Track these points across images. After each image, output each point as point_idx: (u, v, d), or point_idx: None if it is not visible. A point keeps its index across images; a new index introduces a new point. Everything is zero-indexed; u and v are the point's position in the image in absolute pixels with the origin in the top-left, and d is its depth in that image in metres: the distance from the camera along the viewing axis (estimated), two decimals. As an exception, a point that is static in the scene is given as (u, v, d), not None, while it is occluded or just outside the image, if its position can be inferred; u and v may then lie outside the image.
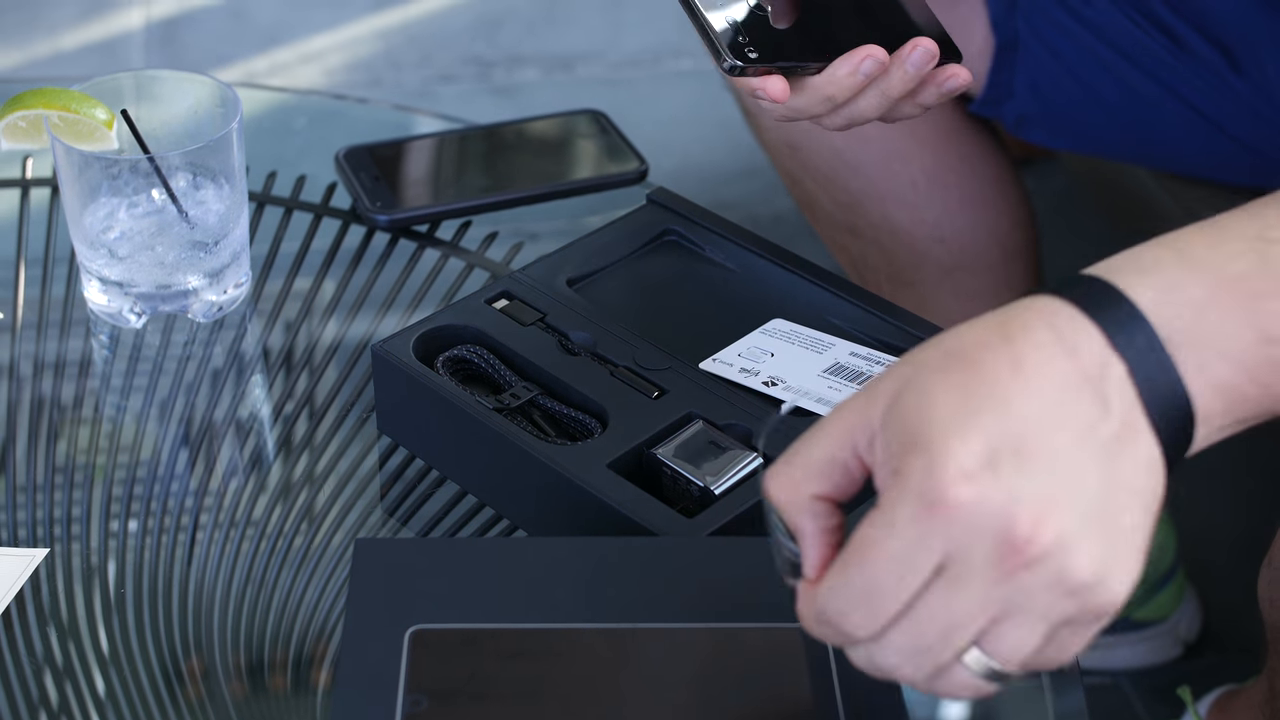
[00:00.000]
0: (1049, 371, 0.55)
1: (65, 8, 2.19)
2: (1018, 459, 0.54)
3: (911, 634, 0.55)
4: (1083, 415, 0.55)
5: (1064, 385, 0.55)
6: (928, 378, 0.56)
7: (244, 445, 0.84)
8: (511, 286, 0.81)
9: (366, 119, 1.17)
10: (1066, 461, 0.54)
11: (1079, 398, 0.55)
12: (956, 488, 0.53)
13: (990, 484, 0.53)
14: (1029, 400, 0.55)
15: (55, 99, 0.83)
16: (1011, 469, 0.54)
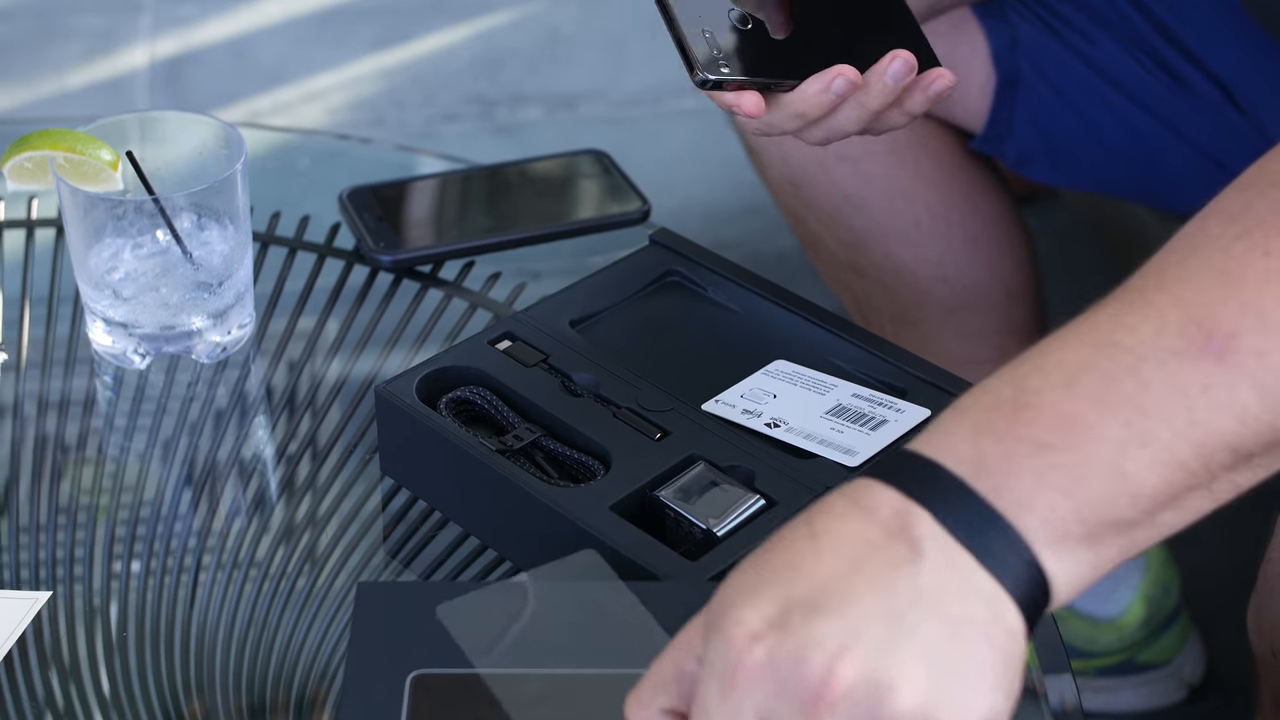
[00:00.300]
0: (846, 530, 0.55)
1: (71, 47, 2.20)
2: (809, 610, 0.53)
3: None
4: (887, 561, 0.54)
5: (862, 540, 0.55)
6: (734, 572, 0.56)
7: (247, 486, 0.84)
8: (514, 328, 0.81)
9: (370, 159, 1.18)
10: (869, 603, 0.53)
11: (881, 547, 0.55)
12: (748, 652, 0.53)
13: (780, 638, 0.53)
14: (822, 559, 0.55)
15: (61, 140, 0.83)
16: (801, 620, 0.53)
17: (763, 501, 0.71)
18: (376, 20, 2.30)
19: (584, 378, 0.79)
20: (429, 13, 2.32)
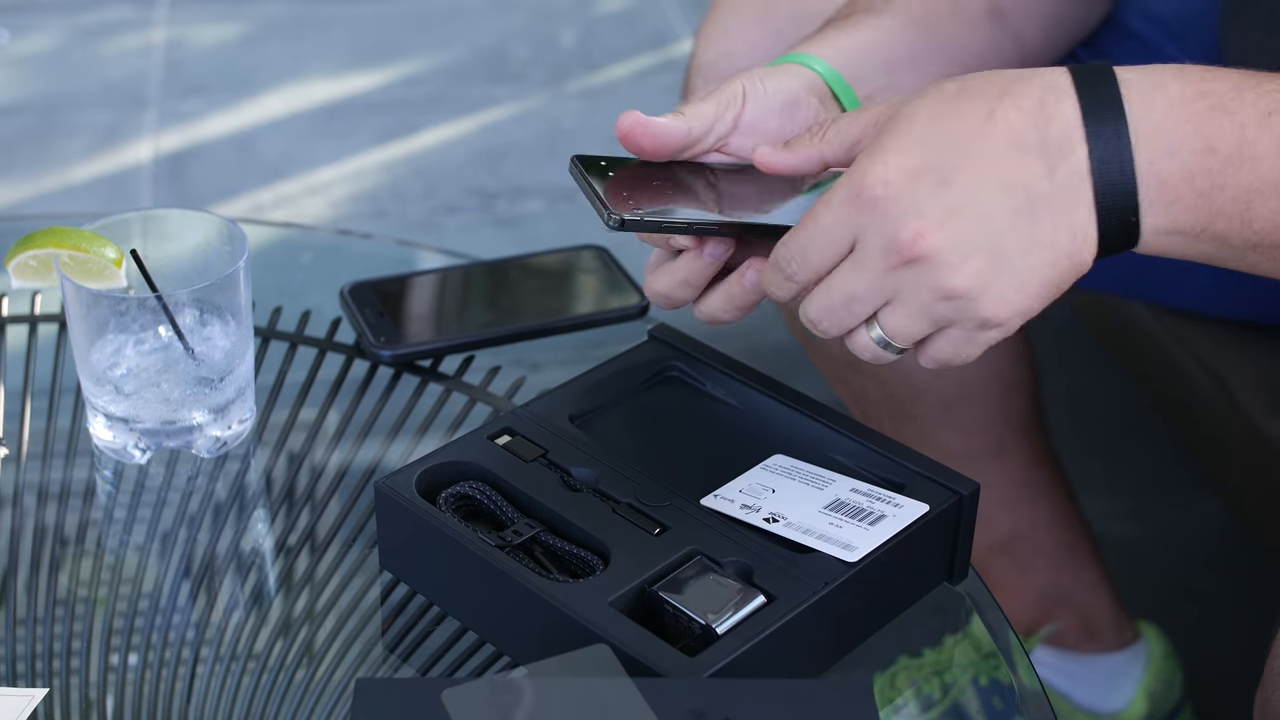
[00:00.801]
0: (1012, 132, 0.67)
1: (75, 142, 2.22)
2: (938, 183, 0.67)
3: (825, 296, 0.70)
4: (1022, 172, 0.67)
5: (1019, 146, 0.67)
6: (921, 104, 0.69)
7: (246, 579, 0.84)
8: (514, 423, 0.82)
9: (371, 254, 1.19)
10: (984, 199, 0.67)
11: (1026, 159, 0.67)
12: (874, 188, 0.67)
13: (902, 192, 0.67)
14: (979, 146, 0.67)
15: (66, 238, 0.84)
16: (927, 188, 0.67)
17: (762, 598, 0.71)
18: (379, 114, 2.32)
19: (583, 473, 0.79)
20: (431, 106, 2.35)
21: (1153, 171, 0.67)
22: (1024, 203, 0.68)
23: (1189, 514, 1.59)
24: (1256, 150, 0.67)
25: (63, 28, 2.54)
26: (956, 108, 0.69)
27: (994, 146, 0.67)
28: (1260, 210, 0.68)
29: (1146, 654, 1.32)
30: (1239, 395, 1.15)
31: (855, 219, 0.68)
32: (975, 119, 0.68)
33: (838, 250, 0.69)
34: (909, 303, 0.69)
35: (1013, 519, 1.25)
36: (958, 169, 0.67)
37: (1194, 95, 0.68)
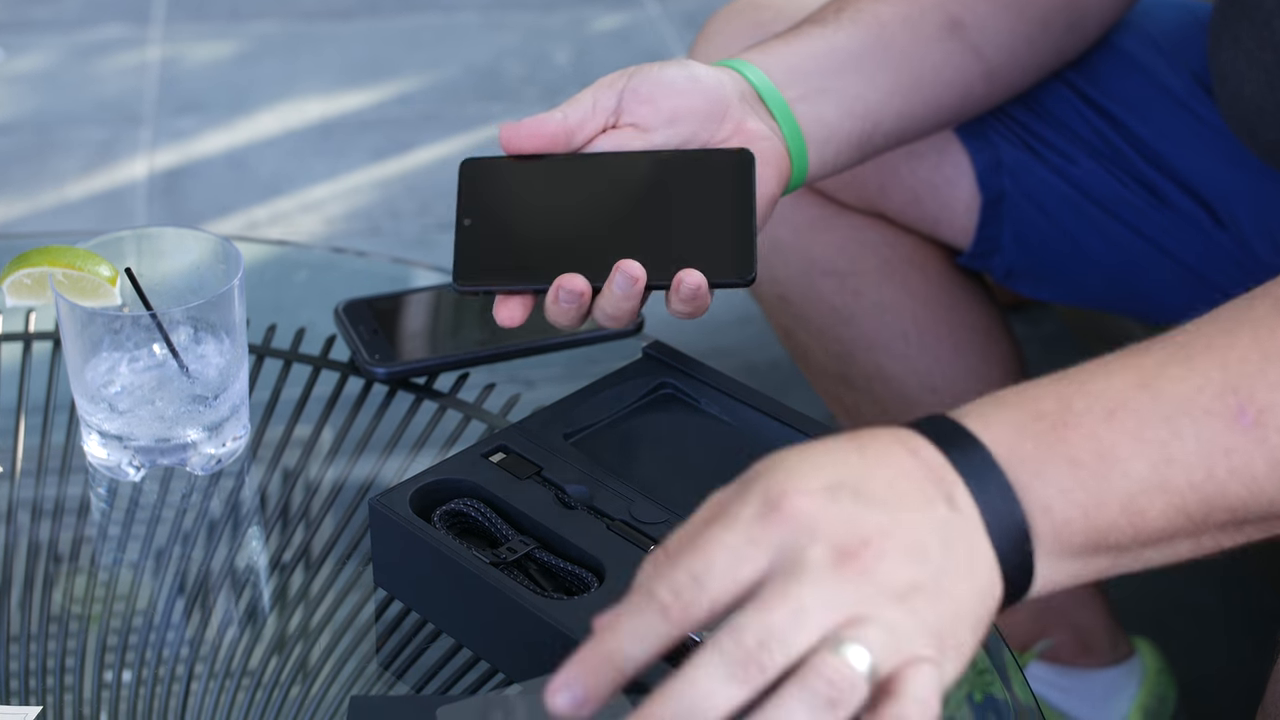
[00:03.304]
0: (892, 457, 0.59)
1: (70, 159, 2.22)
2: (857, 496, 0.57)
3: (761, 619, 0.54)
4: (927, 497, 0.58)
5: (909, 473, 0.59)
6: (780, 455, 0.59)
7: (240, 596, 0.84)
8: (508, 440, 0.82)
9: (365, 271, 1.19)
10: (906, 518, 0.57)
11: (924, 484, 0.59)
12: (797, 498, 0.56)
13: (829, 504, 0.56)
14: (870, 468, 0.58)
15: (60, 257, 0.84)
16: (850, 500, 0.57)
17: (755, 613, 0.71)
18: (373, 132, 2.33)
19: (578, 490, 0.79)
20: (425, 124, 2.35)
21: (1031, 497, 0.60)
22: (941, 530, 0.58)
23: (1182, 529, 1.59)
24: (1118, 453, 0.61)
25: (58, 46, 2.55)
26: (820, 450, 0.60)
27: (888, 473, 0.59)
28: (1149, 510, 0.62)
29: (1141, 669, 1.32)
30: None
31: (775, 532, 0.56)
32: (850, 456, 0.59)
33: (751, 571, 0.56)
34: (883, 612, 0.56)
35: (1006, 535, 1.24)
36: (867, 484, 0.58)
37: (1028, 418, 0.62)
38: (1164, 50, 1.10)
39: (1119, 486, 0.61)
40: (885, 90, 0.92)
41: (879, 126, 0.92)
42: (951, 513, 0.59)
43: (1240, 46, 0.97)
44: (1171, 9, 1.14)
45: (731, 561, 0.55)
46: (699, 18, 2.64)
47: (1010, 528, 0.60)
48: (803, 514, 0.56)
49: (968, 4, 0.96)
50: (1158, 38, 1.11)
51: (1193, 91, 1.09)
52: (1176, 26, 1.12)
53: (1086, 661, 1.30)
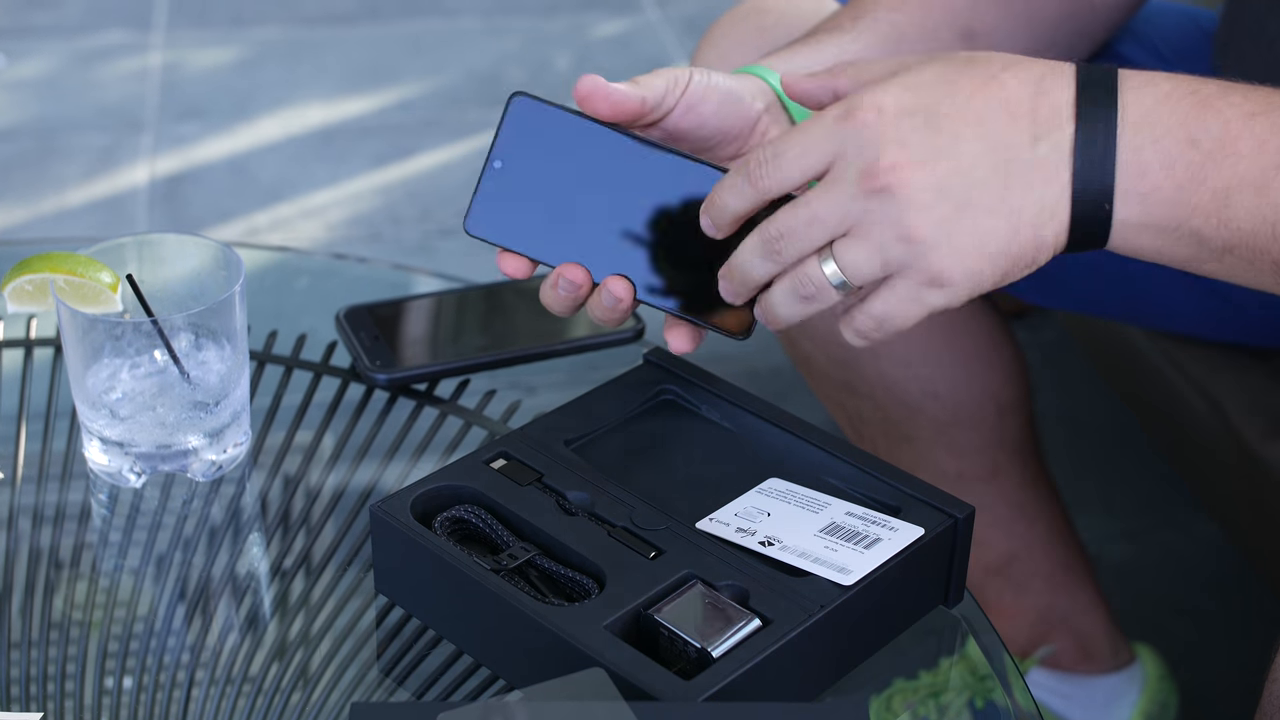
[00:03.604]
0: (1007, 96, 0.69)
1: (72, 165, 2.22)
2: (927, 124, 0.68)
3: (789, 216, 0.70)
4: (1008, 135, 0.68)
5: (1011, 111, 0.69)
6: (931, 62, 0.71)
7: (241, 603, 0.84)
8: (509, 447, 0.82)
9: (366, 277, 1.19)
10: (966, 151, 0.68)
11: (1015, 124, 0.68)
12: (867, 111, 0.68)
13: (890, 123, 0.68)
14: (974, 101, 0.69)
15: (61, 263, 0.84)
16: (914, 125, 0.68)
17: (758, 621, 0.71)
18: (374, 138, 2.33)
19: (579, 496, 0.79)
20: (426, 130, 2.35)
21: (1135, 159, 0.68)
22: (1002, 164, 0.68)
23: (1184, 534, 1.59)
24: (1238, 148, 0.68)
25: (59, 52, 2.55)
26: (963, 69, 0.70)
27: (987, 106, 0.69)
28: (1238, 208, 0.68)
29: (1142, 676, 1.32)
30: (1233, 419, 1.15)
31: (840, 135, 0.69)
32: (977, 79, 0.70)
33: (815, 162, 0.70)
34: (868, 236, 0.69)
35: (1008, 541, 1.25)
36: (948, 117, 0.69)
37: (1184, 91, 0.69)
38: (1167, 59, 1.10)
39: (1222, 174, 0.68)
40: None
41: None
42: (1029, 153, 0.68)
43: (1244, 68, 0.97)
44: (1174, 16, 1.14)
45: (801, 151, 0.69)
46: (699, 23, 2.64)
47: (1095, 181, 0.68)
48: (865, 127, 0.68)
49: (979, 13, 0.96)
50: (1161, 46, 1.11)
51: None
52: (1180, 35, 1.12)
53: (1088, 668, 1.30)
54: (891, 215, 0.68)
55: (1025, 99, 0.69)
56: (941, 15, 0.94)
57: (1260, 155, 0.68)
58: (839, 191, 0.69)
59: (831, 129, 0.69)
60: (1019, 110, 0.69)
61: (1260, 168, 0.68)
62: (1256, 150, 0.68)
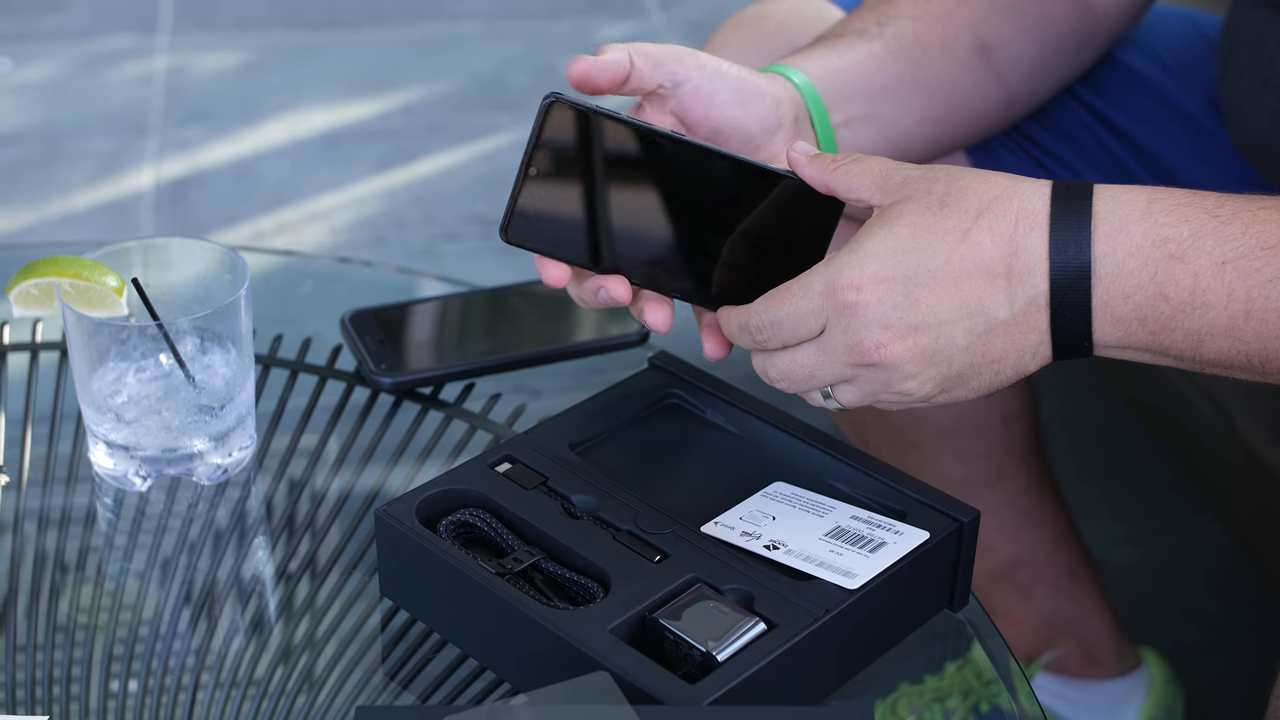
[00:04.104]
0: (982, 256, 0.71)
1: (77, 169, 2.23)
2: (906, 297, 0.72)
3: (789, 366, 0.76)
4: (985, 298, 0.72)
5: (987, 271, 0.71)
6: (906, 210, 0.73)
7: (246, 606, 0.84)
8: (514, 450, 0.82)
9: (371, 281, 1.19)
10: (946, 320, 0.72)
11: (991, 285, 0.71)
12: (848, 291, 0.72)
13: (872, 301, 0.72)
14: (950, 265, 0.71)
15: (67, 267, 0.84)
16: (895, 301, 0.72)
17: (762, 625, 0.71)
18: (379, 142, 2.33)
19: (584, 500, 0.79)
20: (431, 134, 2.35)
21: (1107, 311, 0.72)
22: (982, 327, 0.72)
23: (1189, 538, 1.59)
24: (1207, 299, 0.70)
25: (65, 56, 2.55)
26: (938, 220, 0.72)
27: (963, 269, 0.72)
28: (1211, 350, 0.72)
29: (1148, 680, 1.32)
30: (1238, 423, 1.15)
31: (826, 313, 0.73)
32: (951, 236, 0.72)
33: (808, 332, 0.74)
34: (863, 389, 0.75)
35: (1013, 546, 1.25)
36: (926, 287, 0.72)
37: (1154, 242, 0.71)
38: (1171, 68, 1.10)
39: (1191, 324, 0.71)
40: (917, 118, 0.93)
41: (906, 154, 0.93)
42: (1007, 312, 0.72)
43: (1244, 81, 0.97)
44: (1178, 22, 1.14)
45: (794, 327, 0.74)
46: (704, 27, 2.64)
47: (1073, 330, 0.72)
48: (846, 308, 0.72)
49: (995, 26, 0.96)
50: (1164, 55, 1.11)
51: (1202, 108, 1.09)
52: (1183, 44, 1.12)
53: (1093, 673, 1.30)
54: (882, 379, 0.74)
55: (1000, 259, 0.71)
56: (960, 27, 0.95)
57: (1230, 305, 0.70)
58: (832, 358, 0.74)
59: (817, 304, 0.73)
60: (995, 271, 0.72)
61: (1229, 315, 0.70)
62: (1225, 300, 0.70)
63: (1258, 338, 0.70)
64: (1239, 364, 0.72)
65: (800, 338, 0.75)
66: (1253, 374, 0.73)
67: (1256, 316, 0.70)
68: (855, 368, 0.74)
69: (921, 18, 0.94)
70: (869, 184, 0.76)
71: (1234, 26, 0.99)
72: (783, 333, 0.75)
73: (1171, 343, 0.72)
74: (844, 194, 0.77)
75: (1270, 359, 0.71)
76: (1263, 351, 0.71)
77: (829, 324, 0.73)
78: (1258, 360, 0.71)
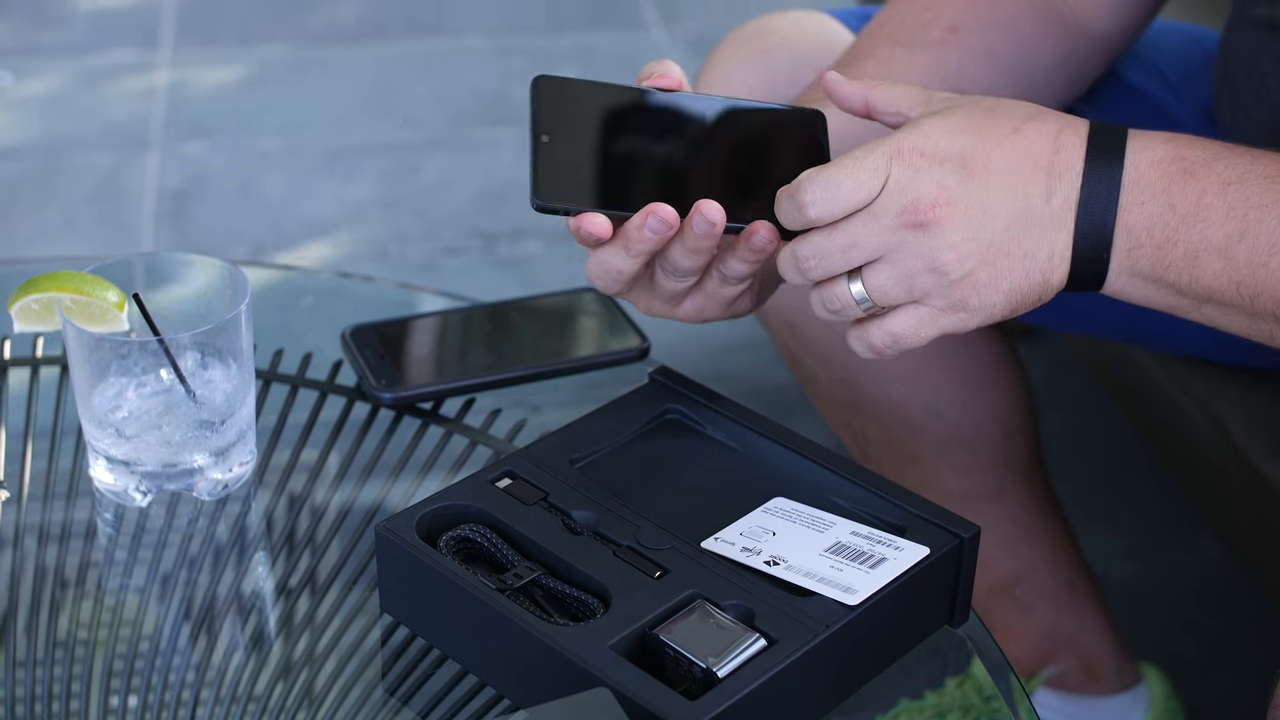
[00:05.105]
0: (1030, 148, 0.76)
1: (78, 184, 2.23)
2: (963, 168, 0.75)
3: (828, 237, 0.76)
4: (1029, 185, 0.76)
5: (1033, 161, 0.76)
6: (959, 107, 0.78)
7: (246, 622, 0.84)
8: (514, 466, 0.82)
9: (372, 296, 1.19)
10: (994, 197, 0.76)
11: (1035, 175, 0.76)
12: (913, 155, 0.75)
13: (932, 167, 0.75)
14: (1002, 150, 0.76)
15: (68, 282, 0.84)
16: (951, 169, 0.75)
17: (763, 641, 0.71)
18: (380, 156, 2.33)
19: (584, 515, 0.79)
20: (432, 148, 2.36)
21: (1125, 218, 0.76)
22: (1022, 211, 0.76)
23: (1189, 553, 1.59)
24: (1209, 215, 0.76)
25: (66, 71, 2.56)
26: (989, 116, 0.77)
27: (1012, 156, 0.76)
28: (1205, 268, 0.76)
29: (1148, 696, 1.32)
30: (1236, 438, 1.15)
31: (888, 170, 0.75)
32: (1003, 129, 0.77)
33: (865, 195, 0.75)
34: (899, 264, 0.76)
35: (1013, 561, 1.25)
36: (980, 164, 0.76)
37: (1173, 158, 0.77)
38: (1170, 83, 1.11)
39: (1192, 237, 0.75)
40: None
41: None
42: (1044, 205, 0.76)
43: (1238, 102, 0.98)
44: (1178, 37, 1.14)
45: (855, 185, 0.75)
46: (705, 42, 2.65)
47: (1095, 234, 0.76)
48: (911, 167, 0.75)
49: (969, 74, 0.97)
50: (1166, 71, 1.11)
51: (1200, 123, 1.09)
52: (1183, 59, 1.12)
53: (1093, 688, 1.30)
54: (925, 248, 0.75)
55: (1044, 153, 0.76)
56: (929, 80, 0.95)
57: (1226, 223, 0.75)
58: (879, 222, 0.75)
59: (881, 163, 0.75)
60: (1039, 163, 0.76)
61: (1225, 234, 0.75)
62: (1224, 217, 0.75)
63: (1248, 262, 0.75)
64: (1229, 295, 0.76)
65: (856, 201, 0.75)
66: (1243, 312, 0.77)
67: (1249, 238, 0.75)
68: (903, 230, 0.75)
69: (884, 76, 0.94)
70: (910, 99, 0.80)
71: (1229, 47, 1.00)
72: (840, 193, 0.75)
73: (1172, 260, 0.76)
74: (883, 108, 0.81)
75: (1259, 290, 0.75)
76: (1251, 280, 0.75)
77: (890, 181, 0.75)
78: (1247, 290, 0.76)
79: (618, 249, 0.79)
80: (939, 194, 0.75)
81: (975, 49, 0.97)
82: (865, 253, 0.76)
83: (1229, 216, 0.75)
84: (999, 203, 0.76)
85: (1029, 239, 0.77)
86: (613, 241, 0.79)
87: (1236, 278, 0.76)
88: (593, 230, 0.78)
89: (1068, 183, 0.76)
